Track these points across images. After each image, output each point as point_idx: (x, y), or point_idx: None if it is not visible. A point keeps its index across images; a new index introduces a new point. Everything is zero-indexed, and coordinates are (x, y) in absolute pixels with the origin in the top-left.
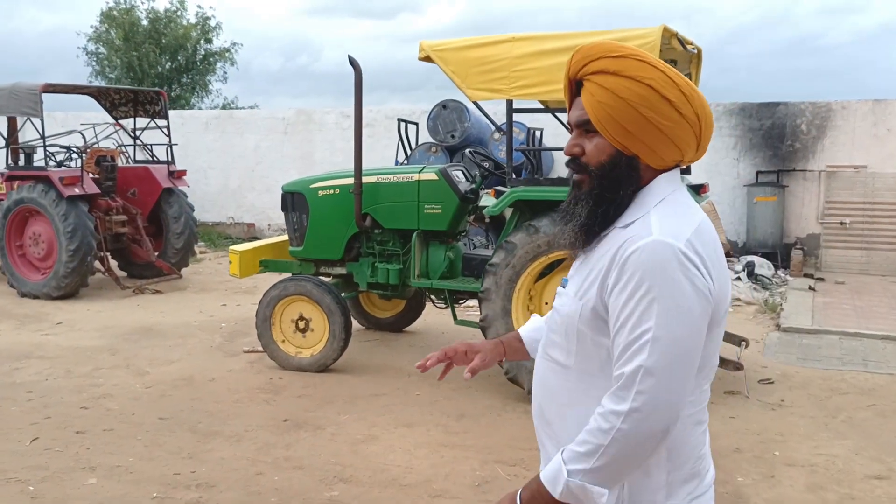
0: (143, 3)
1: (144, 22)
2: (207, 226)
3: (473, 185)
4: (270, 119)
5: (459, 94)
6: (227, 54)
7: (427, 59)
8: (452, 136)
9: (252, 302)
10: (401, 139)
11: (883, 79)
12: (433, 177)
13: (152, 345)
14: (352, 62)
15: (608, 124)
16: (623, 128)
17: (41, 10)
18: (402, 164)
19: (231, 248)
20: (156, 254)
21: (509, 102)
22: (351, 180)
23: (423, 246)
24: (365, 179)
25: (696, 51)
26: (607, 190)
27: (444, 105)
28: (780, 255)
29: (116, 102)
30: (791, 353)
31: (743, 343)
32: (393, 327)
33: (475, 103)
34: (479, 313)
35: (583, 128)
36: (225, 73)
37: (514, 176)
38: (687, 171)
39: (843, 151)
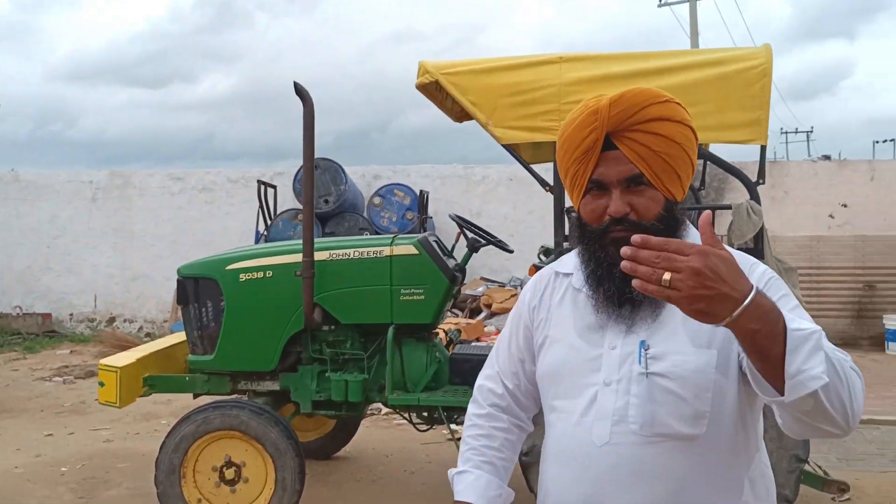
0: None
1: None
2: None
3: (457, 262)
4: (74, 182)
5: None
6: None
7: (429, 85)
8: (326, 202)
9: (88, 426)
10: (261, 205)
11: None
12: (412, 250)
13: None
14: (299, 91)
15: (663, 173)
16: (676, 174)
17: None
18: (263, 235)
19: (103, 362)
20: None
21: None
22: (285, 258)
23: (398, 346)
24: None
25: None
26: None
27: (315, 165)
28: None
29: None
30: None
31: (842, 489)
32: (319, 453)
33: (506, 147)
34: None
35: (626, 184)
36: None
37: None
38: None
39: None
